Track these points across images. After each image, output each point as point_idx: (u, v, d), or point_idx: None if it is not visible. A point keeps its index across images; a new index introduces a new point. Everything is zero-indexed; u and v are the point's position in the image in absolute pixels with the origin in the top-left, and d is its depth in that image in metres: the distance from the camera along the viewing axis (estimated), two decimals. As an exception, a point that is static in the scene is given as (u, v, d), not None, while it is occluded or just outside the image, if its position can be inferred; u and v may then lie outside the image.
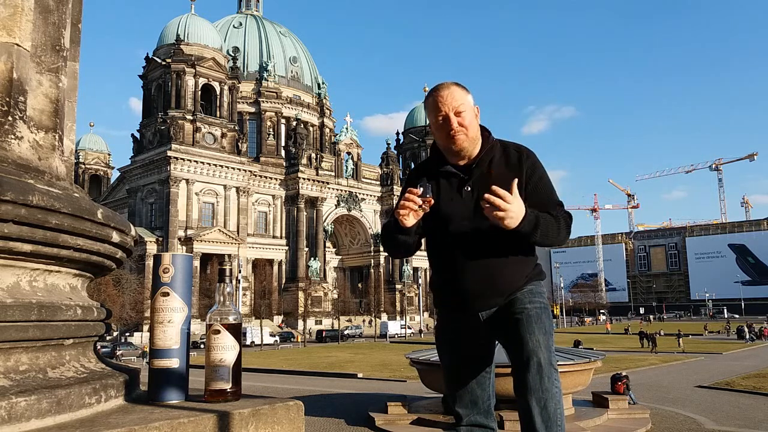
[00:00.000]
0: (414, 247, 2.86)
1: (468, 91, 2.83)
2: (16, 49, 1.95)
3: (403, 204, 2.63)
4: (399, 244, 2.80)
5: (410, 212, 2.62)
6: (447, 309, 2.97)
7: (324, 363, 34.85)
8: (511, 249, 2.76)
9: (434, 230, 2.83)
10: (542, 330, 2.68)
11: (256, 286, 79.01)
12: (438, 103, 2.76)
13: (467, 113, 2.76)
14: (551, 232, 2.70)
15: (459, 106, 2.74)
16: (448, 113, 2.74)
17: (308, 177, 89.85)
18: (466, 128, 2.75)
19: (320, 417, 13.60)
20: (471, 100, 2.82)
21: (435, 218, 2.77)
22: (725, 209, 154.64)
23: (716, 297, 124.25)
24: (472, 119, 2.78)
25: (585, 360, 12.31)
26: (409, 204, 2.60)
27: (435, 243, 2.90)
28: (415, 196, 2.60)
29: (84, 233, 1.97)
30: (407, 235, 2.74)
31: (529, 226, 2.61)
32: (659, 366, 29.65)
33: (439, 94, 2.77)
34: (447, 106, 2.74)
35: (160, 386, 2.10)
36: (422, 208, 2.62)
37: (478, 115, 2.86)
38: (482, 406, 2.92)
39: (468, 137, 2.77)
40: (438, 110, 2.77)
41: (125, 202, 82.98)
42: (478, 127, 2.84)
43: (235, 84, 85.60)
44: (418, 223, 2.68)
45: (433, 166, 2.92)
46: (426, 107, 2.86)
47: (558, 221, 2.74)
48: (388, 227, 2.81)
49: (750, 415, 13.76)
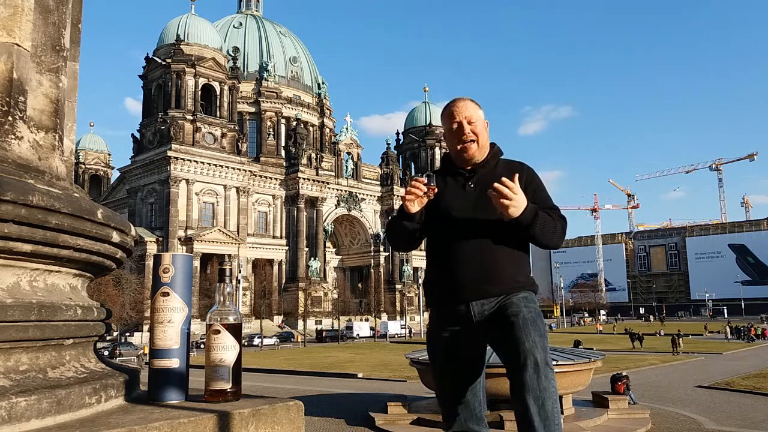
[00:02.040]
0: (417, 239, 3.09)
1: (480, 107, 3.16)
2: (16, 49, 1.95)
3: (409, 190, 2.89)
4: (403, 231, 3.01)
5: (416, 198, 2.87)
6: (440, 304, 3.06)
7: (324, 363, 34.85)
8: (506, 244, 2.95)
9: (436, 222, 3.02)
10: (538, 332, 2.74)
11: (256, 286, 79.06)
12: (454, 112, 3.08)
13: (479, 124, 3.07)
14: (548, 228, 2.90)
15: (472, 116, 3.06)
16: (462, 121, 3.04)
17: (308, 177, 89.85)
18: (477, 136, 3.04)
19: (320, 417, 13.61)
20: (482, 115, 3.14)
21: (438, 210, 2.99)
22: (725, 209, 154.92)
23: (716, 297, 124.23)
24: (482, 130, 3.08)
25: (585, 360, 12.32)
26: (415, 190, 2.86)
27: (435, 239, 3.09)
28: (421, 183, 2.87)
29: (84, 233, 1.97)
30: (411, 221, 2.95)
31: (530, 215, 2.82)
32: (659, 366, 29.66)
33: (456, 105, 3.11)
34: (461, 114, 3.06)
35: (160, 386, 2.10)
36: (426, 195, 2.87)
37: (488, 129, 3.15)
38: (474, 412, 2.96)
39: (478, 145, 3.06)
40: (453, 118, 3.08)
41: (125, 202, 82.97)
42: (487, 138, 3.13)
43: (235, 84, 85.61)
44: (422, 211, 2.92)
45: (443, 171, 3.21)
46: (442, 117, 3.18)
47: (554, 220, 2.95)
48: (394, 217, 3.07)
49: (750, 415, 13.76)
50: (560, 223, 2.95)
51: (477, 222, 2.92)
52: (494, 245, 2.92)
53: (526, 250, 3.05)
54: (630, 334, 48.27)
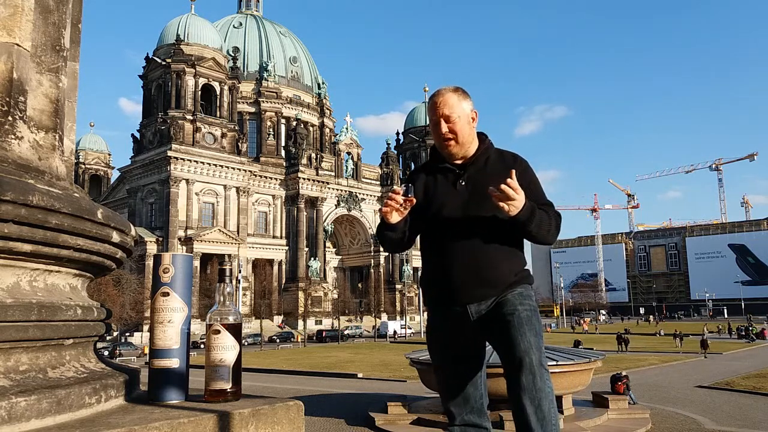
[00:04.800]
0: (406, 242, 3.03)
1: (466, 96, 3.00)
2: (16, 49, 1.95)
3: (386, 203, 2.84)
4: (388, 239, 2.98)
5: (392, 210, 2.82)
6: (437, 304, 3.04)
7: (324, 363, 34.85)
8: (499, 242, 2.90)
9: (428, 222, 2.98)
10: (533, 332, 2.75)
11: (256, 286, 79.02)
12: (432, 107, 2.98)
13: (460, 120, 2.93)
14: (544, 225, 2.86)
15: (450, 114, 2.92)
16: (439, 119, 2.94)
17: (308, 177, 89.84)
18: (456, 134, 2.93)
19: (320, 417, 13.61)
20: (467, 107, 2.98)
21: (429, 210, 2.96)
22: (725, 209, 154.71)
23: (716, 297, 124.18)
24: (463, 126, 2.94)
25: (585, 360, 12.32)
26: (391, 203, 2.81)
27: (428, 237, 3.05)
28: (398, 195, 2.81)
29: (84, 233, 1.97)
30: (393, 231, 2.91)
31: (527, 212, 2.77)
32: (659, 366, 29.66)
33: (434, 101, 2.98)
34: (439, 111, 2.94)
35: (160, 386, 2.10)
36: (404, 207, 2.82)
37: (476, 120, 3.02)
38: (475, 405, 2.96)
39: (457, 143, 2.95)
40: (432, 113, 2.97)
41: (125, 202, 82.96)
42: (471, 133, 3.00)
43: (235, 84, 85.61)
44: (406, 219, 2.87)
45: (432, 165, 3.11)
46: (427, 110, 3.11)
47: (549, 217, 2.90)
48: (379, 225, 3.02)
49: (750, 415, 13.76)
50: (555, 221, 2.91)
51: (469, 221, 2.88)
52: (488, 243, 2.88)
53: (520, 246, 3.01)
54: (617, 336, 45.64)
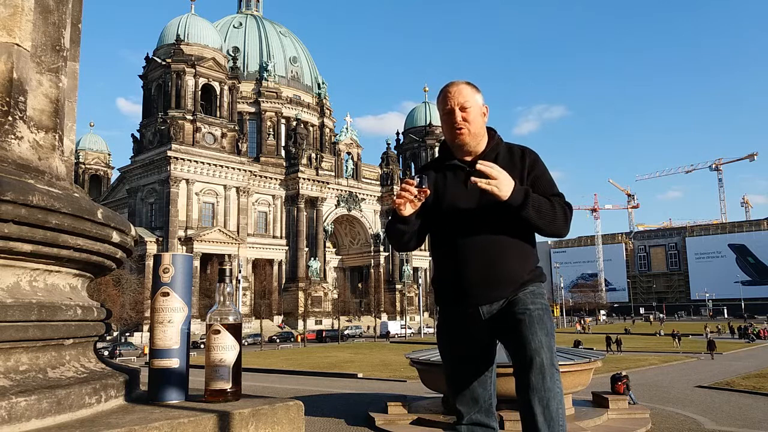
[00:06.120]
0: (416, 239, 2.98)
1: (478, 90, 3.00)
2: (16, 49, 1.95)
3: (399, 194, 2.78)
4: (399, 233, 2.92)
5: (406, 202, 2.75)
6: (448, 304, 3.00)
7: (324, 363, 34.84)
8: (511, 240, 2.86)
9: (439, 222, 2.94)
10: (544, 331, 2.72)
11: (256, 286, 79.04)
12: (446, 97, 2.93)
13: (473, 110, 2.92)
14: (544, 212, 2.79)
15: (465, 103, 2.90)
16: (454, 107, 2.90)
17: (308, 177, 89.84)
18: (469, 123, 2.90)
19: (320, 417, 13.61)
20: (479, 100, 2.98)
21: (440, 209, 2.91)
22: (725, 209, 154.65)
23: (716, 297, 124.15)
24: (476, 116, 2.93)
25: (585, 360, 12.32)
26: (405, 194, 2.74)
27: (439, 236, 3.00)
28: (412, 186, 2.73)
29: (84, 233, 1.97)
30: (406, 224, 2.87)
31: (520, 196, 2.72)
32: (659, 366, 29.66)
33: (448, 90, 2.95)
34: (453, 100, 2.91)
35: (160, 386, 2.10)
36: (418, 198, 2.74)
37: (487, 115, 3.01)
38: (483, 405, 2.94)
39: (470, 133, 2.92)
40: (445, 104, 2.93)
41: (125, 202, 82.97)
42: (482, 125, 2.99)
43: (235, 84, 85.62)
44: (418, 213, 2.81)
45: (441, 163, 3.07)
46: (437, 102, 3.03)
47: (552, 203, 2.83)
48: (390, 220, 2.97)
49: (750, 415, 13.76)
50: (562, 210, 2.83)
51: (480, 220, 2.83)
52: (499, 242, 2.84)
53: (532, 242, 2.97)
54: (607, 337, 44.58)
